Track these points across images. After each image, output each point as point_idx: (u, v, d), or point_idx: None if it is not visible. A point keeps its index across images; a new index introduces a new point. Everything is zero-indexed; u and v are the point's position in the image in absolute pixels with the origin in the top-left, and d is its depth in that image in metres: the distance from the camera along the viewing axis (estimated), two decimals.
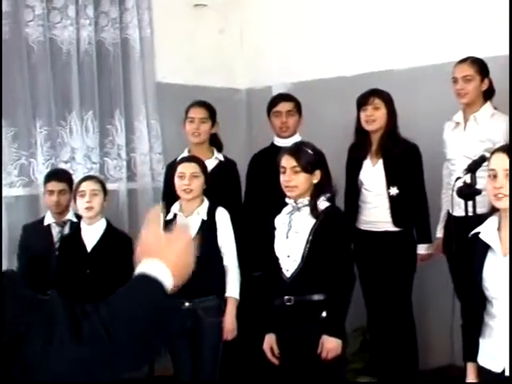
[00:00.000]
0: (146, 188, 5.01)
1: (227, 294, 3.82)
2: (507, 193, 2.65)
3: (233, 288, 3.84)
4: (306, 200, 3.37)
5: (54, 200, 4.16)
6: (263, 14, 5.56)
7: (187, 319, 3.72)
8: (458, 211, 3.56)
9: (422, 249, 4.22)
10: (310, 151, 3.39)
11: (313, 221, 3.34)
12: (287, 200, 3.44)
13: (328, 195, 3.41)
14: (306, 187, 3.36)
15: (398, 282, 4.15)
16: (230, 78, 5.56)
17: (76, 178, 4.37)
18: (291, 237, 3.37)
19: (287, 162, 3.38)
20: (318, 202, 3.36)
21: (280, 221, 3.46)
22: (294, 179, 3.35)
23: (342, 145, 4.40)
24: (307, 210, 3.36)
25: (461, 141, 4.05)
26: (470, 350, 2.80)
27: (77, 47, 4.72)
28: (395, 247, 4.16)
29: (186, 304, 3.77)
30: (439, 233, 4.25)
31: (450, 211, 3.92)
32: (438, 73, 4.41)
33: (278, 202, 3.58)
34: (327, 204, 3.39)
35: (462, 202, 3.31)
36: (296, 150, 3.42)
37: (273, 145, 4.52)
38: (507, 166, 2.67)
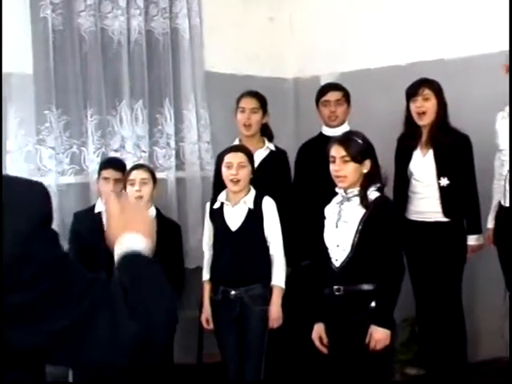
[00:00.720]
0: (194, 177, 5.04)
1: (273, 283, 3.83)
2: None
3: (278, 277, 3.85)
4: (355, 190, 3.36)
5: (109, 188, 4.21)
6: (313, 4, 5.54)
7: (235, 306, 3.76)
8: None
9: (472, 240, 4.17)
10: (359, 141, 3.38)
11: (362, 211, 3.33)
12: (337, 190, 3.43)
13: (378, 185, 3.40)
14: (356, 177, 3.35)
15: (448, 273, 4.11)
16: (279, 67, 5.56)
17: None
18: (341, 226, 3.37)
19: (336, 151, 3.38)
20: (368, 192, 3.35)
21: (330, 210, 3.46)
22: (343, 169, 3.35)
23: (391, 135, 4.36)
24: (357, 199, 3.35)
25: None
26: None
27: (127, 37, 4.75)
28: (445, 238, 4.13)
29: (232, 292, 3.80)
30: (490, 223, 4.20)
31: (502, 202, 3.88)
32: (489, 62, 4.34)
33: (326, 191, 3.59)
34: (377, 194, 3.38)
35: None
36: (345, 140, 3.41)
37: (321, 134, 4.52)
38: None
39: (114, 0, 4.72)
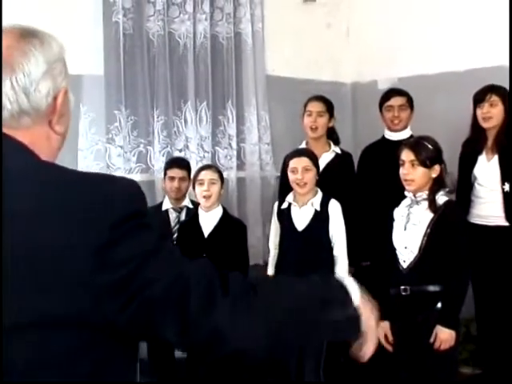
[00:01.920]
0: (254, 177, 5.19)
1: None
2: None
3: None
4: (424, 194, 3.45)
5: (175, 186, 4.37)
6: (370, 9, 5.64)
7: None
8: None
9: None
10: (430, 146, 3.46)
11: (431, 214, 3.42)
12: (406, 193, 3.53)
13: (447, 189, 3.49)
14: (424, 181, 3.44)
15: (508, 276, 4.17)
16: (337, 71, 5.69)
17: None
18: (409, 229, 3.47)
19: (406, 155, 3.47)
20: (437, 197, 3.44)
21: (399, 213, 3.56)
22: (411, 172, 3.44)
23: (448, 140, 4.39)
24: (425, 203, 3.44)
25: None
26: None
27: (193, 41, 4.91)
28: (506, 242, 4.17)
29: None
30: None
31: None
32: None
33: (388, 194, 3.68)
34: (445, 198, 3.46)
35: None
36: (415, 144, 3.50)
37: (384, 138, 4.62)
38: None
39: (182, 5, 4.89)
